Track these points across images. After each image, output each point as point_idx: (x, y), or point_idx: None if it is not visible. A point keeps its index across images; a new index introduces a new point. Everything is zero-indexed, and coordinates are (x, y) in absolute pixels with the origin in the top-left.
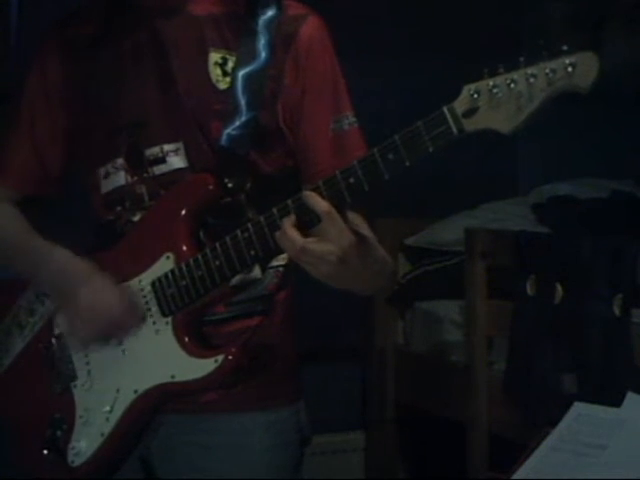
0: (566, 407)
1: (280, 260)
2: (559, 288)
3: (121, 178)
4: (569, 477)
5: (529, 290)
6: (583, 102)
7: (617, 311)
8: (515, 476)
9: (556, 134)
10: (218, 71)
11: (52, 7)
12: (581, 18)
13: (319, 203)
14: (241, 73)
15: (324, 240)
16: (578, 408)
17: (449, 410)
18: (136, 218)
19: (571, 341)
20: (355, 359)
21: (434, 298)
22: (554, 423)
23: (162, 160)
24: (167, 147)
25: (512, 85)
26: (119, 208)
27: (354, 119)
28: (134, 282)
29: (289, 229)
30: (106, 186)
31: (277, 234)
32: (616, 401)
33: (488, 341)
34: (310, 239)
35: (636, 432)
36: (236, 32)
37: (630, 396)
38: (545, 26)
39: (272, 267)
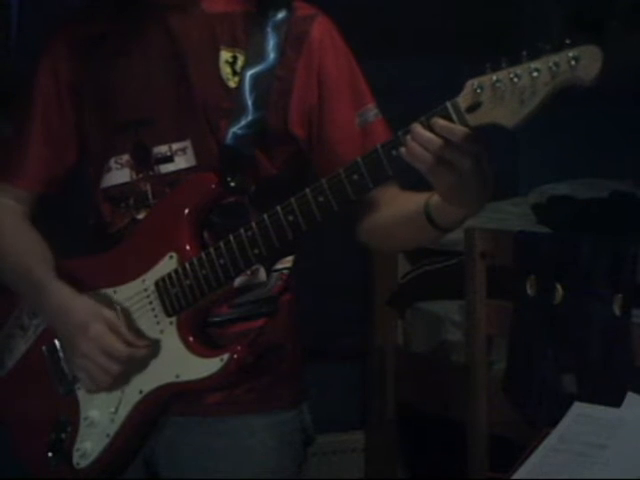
0: (566, 407)
1: (285, 263)
2: (559, 288)
3: (126, 175)
4: (569, 477)
5: (529, 290)
6: (583, 102)
7: (617, 311)
8: (515, 476)
9: (556, 134)
10: (228, 69)
11: (52, 7)
12: (581, 18)
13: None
14: (249, 73)
15: None
16: (578, 408)
17: (449, 410)
18: (140, 216)
19: (571, 341)
20: (355, 359)
21: (434, 298)
22: (554, 423)
23: (170, 159)
24: (175, 146)
25: (515, 79)
26: (123, 205)
27: (377, 110)
28: (138, 282)
29: (422, 130)
30: (107, 181)
31: (411, 136)
32: (616, 401)
33: (488, 341)
34: None
35: (636, 432)
36: (247, 31)
37: (630, 396)
38: (545, 26)
39: (276, 270)
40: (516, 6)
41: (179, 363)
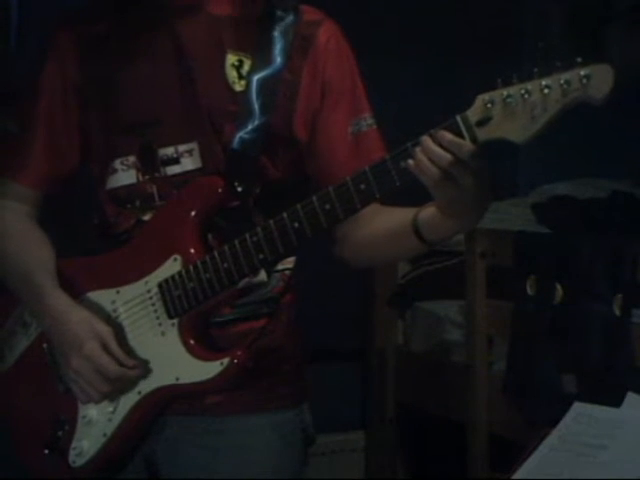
0: (566, 407)
1: (286, 263)
2: (559, 288)
3: (132, 176)
4: (569, 477)
5: (529, 290)
6: (583, 102)
7: (617, 311)
8: (515, 476)
9: (556, 134)
10: (234, 73)
11: (52, 7)
12: (581, 20)
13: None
14: (256, 77)
15: None
16: (578, 408)
17: (449, 410)
18: (146, 217)
19: (571, 341)
20: (355, 359)
21: (434, 298)
22: (554, 423)
23: (176, 161)
24: (181, 148)
25: (526, 95)
26: (129, 206)
27: (372, 120)
28: (141, 283)
29: (432, 145)
30: (112, 182)
31: (421, 149)
32: (616, 401)
33: (488, 341)
34: None
35: (636, 432)
36: (253, 35)
37: (630, 396)
38: (545, 28)
39: (278, 270)
40: (516, 9)
41: (179, 365)
